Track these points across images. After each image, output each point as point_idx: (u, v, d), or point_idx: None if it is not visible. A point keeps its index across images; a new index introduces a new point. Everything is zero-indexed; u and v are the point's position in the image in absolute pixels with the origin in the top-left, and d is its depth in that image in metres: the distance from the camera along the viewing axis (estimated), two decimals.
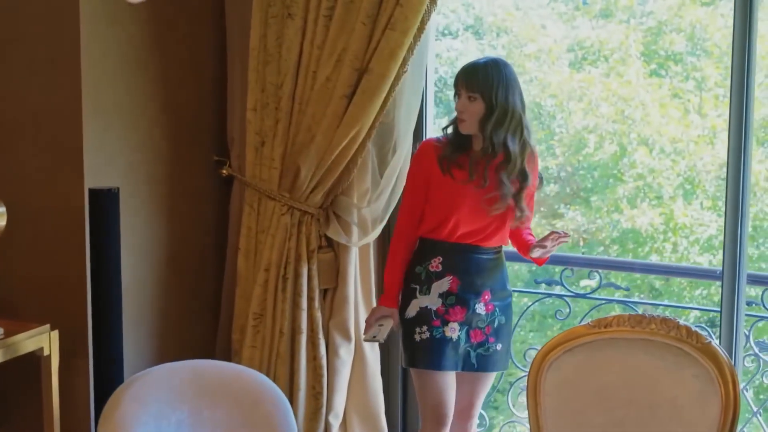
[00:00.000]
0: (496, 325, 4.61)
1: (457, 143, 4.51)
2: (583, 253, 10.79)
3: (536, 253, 4.53)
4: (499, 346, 4.62)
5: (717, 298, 8.81)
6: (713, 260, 10.16)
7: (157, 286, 5.13)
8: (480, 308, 4.57)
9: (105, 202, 4.49)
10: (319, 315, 5.07)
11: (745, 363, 5.17)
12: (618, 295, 5.89)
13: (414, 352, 4.58)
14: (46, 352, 4.66)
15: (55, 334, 4.69)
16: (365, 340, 4.76)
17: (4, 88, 4.77)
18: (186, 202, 5.24)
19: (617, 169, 10.46)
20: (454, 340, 4.52)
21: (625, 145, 10.35)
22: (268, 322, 5.06)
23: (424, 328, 4.54)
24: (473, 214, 4.50)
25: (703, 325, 5.29)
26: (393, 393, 5.42)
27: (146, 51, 4.98)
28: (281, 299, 5.02)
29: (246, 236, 5.15)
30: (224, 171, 5.26)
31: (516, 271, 10.55)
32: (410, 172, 4.69)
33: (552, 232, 4.43)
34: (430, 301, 4.54)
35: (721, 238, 4.81)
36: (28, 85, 4.74)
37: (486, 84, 4.41)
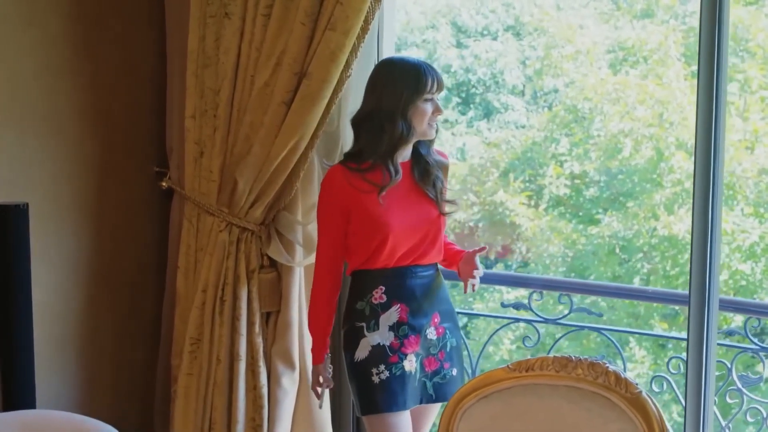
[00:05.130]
0: (448, 348, 4.06)
1: (394, 162, 3.98)
2: (623, 260, 10.17)
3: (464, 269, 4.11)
4: (454, 371, 4.07)
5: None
6: (755, 267, 9.52)
7: (87, 307, 4.59)
8: (431, 333, 4.01)
9: (13, 219, 4.00)
10: (259, 341, 4.49)
11: (727, 399, 4.52)
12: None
13: (373, 396, 3.97)
14: None
15: None
16: (321, 407, 4.25)
17: None
18: (121, 217, 4.69)
19: (656, 173, 9.83)
20: (413, 373, 3.98)
21: (662, 149, 9.70)
22: (205, 348, 4.50)
23: (382, 367, 3.94)
24: (407, 230, 3.95)
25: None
26: (344, 424, 4.83)
27: (72, 53, 4.43)
28: (219, 323, 4.46)
29: (185, 254, 4.59)
30: (163, 183, 4.71)
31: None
32: (324, 207, 4.01)
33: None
34: (381, 336, 3.96)
35: (764, 245, 4.12)
36: None
37: None
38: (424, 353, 3.99)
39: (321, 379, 4.11)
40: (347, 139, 4.40)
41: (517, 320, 4.86)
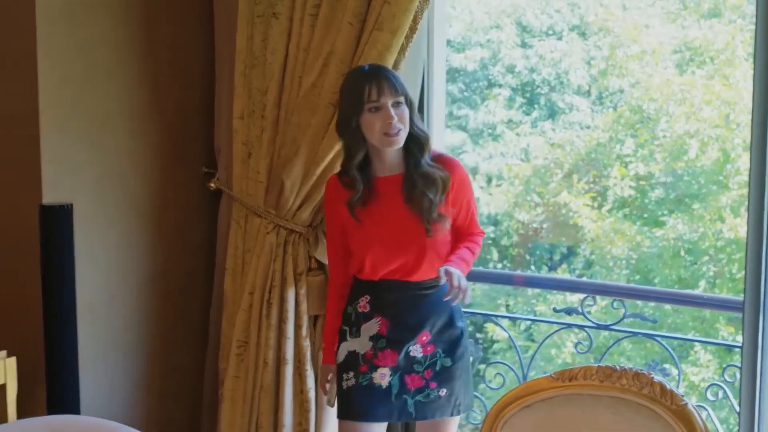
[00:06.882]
0: (438, 368, 3.85)
1: (363, 177, 3.78)
2: (689, 263, 9.98)
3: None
4: (443, 392, 3.85)
5: None
6: None
7: (134, 309, 4.54)
8: (416, 350, 3.83)
9: (57, 219, 3.96)
10: (306, 344, 4.41)
11: None
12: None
13: (341, 401, 3.91)
14: (0, 381, 4.14)
15: (12, 361, 4.16)
16: (331, 405, 4.09)
17: None
18: (169, 218, 4.64)
19: (722, 175, 9.62)
20: (384, 387, 3.82)
21: (728, 150, 9.49)
22: (252, 351, 4.44)
23: (351, 374, 3.85)
24: (386, 251, 3.78)
25: None
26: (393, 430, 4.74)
27: (120, 54, 4.39)
28: (266, 326, 4.39)
29: (233, 255, 4.54)
30: (212, 184, 4.66)
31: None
32: (327, 216, 3.96)
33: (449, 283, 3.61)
34: (360, 344, 3.84)
35: None
36: None
37: (402, 82, 3.74)
38: (405, 369, 3.83)
39: (330, 377, 4.01)
40: None
41: (570, 325, 4.75)
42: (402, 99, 3.68)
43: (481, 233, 3.93)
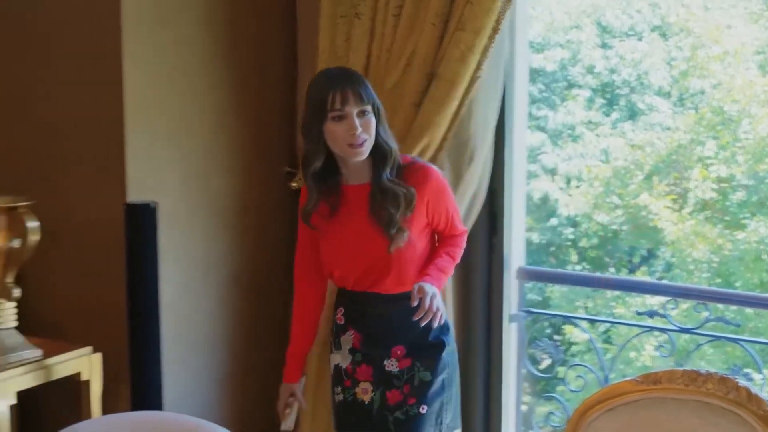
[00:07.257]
0: (416, 383, 3.69)
1: (326, 186, 3.64)
2: None
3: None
4: (424, 409, 3.69)
5: None
6: None
7: (216, 308, 4.61)
8: (391, 365, 3.70)
9: (142, 218, 4.00)
10: None
11: None
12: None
13: (333, 414, 3.85)
14: (84, 377, 4.22)
15: (98, 357, 4.25)
16: (288, 429, 3.99)
17: (41, 93, 4.31)
18: (252, 217, 4.69)
19: None
20: (367, 402, 3.72)
21: None
22: None
23: (339, 388, 3.77)
24: (349, 261, 3.67)
25: None
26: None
27: (204, 54, 4.46)
28: None
29: None
30: (294, 183, 4.69)
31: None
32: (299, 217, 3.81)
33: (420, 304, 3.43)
34: (342, 357, 3.76)
35: None
36: (68, 89, 4.30)
37: (370, 89, 3.55)
38: (386, 385, 3.72)
39: (289, 399, 3.93)
40: (477, 142, 4.32)
41: (652, 329, 4.69)
42: (368, 108, 3.49)
43: (462, 233, 3.79)
